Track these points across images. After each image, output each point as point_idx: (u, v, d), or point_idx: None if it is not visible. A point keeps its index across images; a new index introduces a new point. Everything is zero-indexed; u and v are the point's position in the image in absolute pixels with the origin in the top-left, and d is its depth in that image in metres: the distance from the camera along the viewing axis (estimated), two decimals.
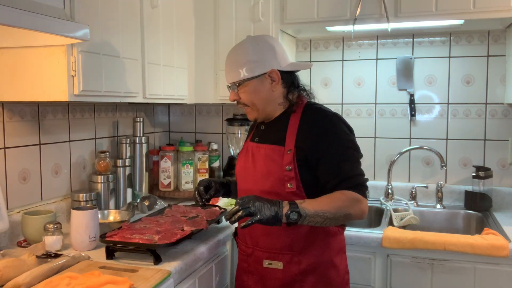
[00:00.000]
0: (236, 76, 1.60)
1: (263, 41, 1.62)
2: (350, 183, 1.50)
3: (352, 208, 1.48)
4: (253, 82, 1.59)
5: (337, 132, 1.56)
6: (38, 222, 1.72)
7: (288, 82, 1.64)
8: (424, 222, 2.44)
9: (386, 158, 2.67)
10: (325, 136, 1.54)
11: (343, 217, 1.47)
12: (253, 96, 1.61)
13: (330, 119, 1.58)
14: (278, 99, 1.63)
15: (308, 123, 1.58)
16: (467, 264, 1.92)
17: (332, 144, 1.53)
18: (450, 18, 2.18)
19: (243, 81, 1.59)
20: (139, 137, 2.43)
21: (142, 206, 2.28)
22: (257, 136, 1.70)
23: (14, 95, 1.65)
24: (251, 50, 1.59)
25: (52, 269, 1.41)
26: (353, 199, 1.48)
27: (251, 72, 1.58)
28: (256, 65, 1.58)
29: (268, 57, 1.59)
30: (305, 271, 1.59)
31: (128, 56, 1.92)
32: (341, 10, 2.29)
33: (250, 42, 1.62)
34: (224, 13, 2.46)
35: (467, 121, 2.54)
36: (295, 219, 1.40)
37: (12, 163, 1.84)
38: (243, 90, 1.61)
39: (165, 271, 1.47)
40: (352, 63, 2.72)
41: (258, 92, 1.60)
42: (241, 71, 1.58)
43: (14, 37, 1.45)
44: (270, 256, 1.62)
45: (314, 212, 1.42)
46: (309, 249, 1.59)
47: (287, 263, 1.60)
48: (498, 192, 2.47)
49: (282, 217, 1.39)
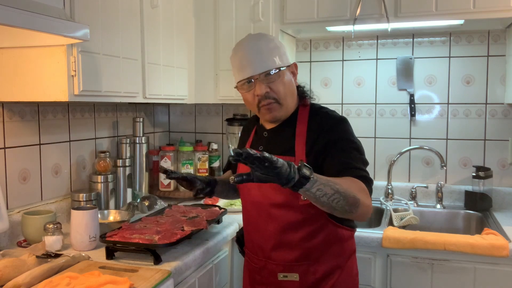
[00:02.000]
0: (271, 64, 1.47)
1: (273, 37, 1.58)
2: (356, 172, 1.40)
3: (362, 196, 1.33)
4: (286, 72, 1.51)
5: (345, 132, 1.51)
6: (38, 222, 1.72)
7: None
8: (424, 222, 2.44)
9: (386, 158, 2.67)
10: (333, 136, 1.48)
11: (352, 198, 1.30)
12: (286, 88, 1.51)
13: (338, 121, 1.53)
14: (295, 94, 1.57)
15: (317, 129, 1.51)
16: (467, 264, 1.92)
17: (338, 142, 1.47)
18: (450, 18, 2.18)
19: (278, 69, 1.48)
20: (139, 137, 2.43)
21: (142, 206, 2.28)
22: (260, 144, 1.62)
23: (14, 95, 1.65)
24: (276, 40, 1.52)
25: (52, 269, 1.41)
26: (363, 189, 1.37)
27: (284, 61, 1.49)
28: (285, 55, 1.51)
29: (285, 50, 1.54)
30: (321, 279, 1.55)
31: (128, 56, 1.92)
32: (341, 10, 2.29)
33: (265, 36, 1.55)
34: (224, 13, 2.46)
35: (467, 121, 2.54)
36: (308, 175, 1.18)
37: (12, 163, 1.84)
38: (278, 80, 1.49)
39: (165, 271, 1.47)
40: (352, 63, 2.72)
41: (290, 83, 1.52)
42: (275, 59, 1.47)
43: (14, 37, 1.45)
44: (285, 269, 1.56)
45: (326, 180, 1.25)
46: (324, 256, 1.54)
47: (303, 274, 1.54)
48: (498, 192, 2.47)
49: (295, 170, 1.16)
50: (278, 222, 1.55)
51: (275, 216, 1.55)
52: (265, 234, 1.59)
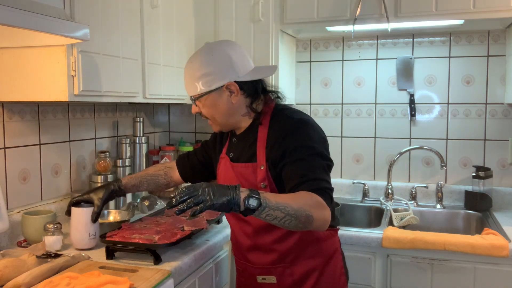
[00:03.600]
0: (193, 90, 1.52)
1: (219, 51, 1.50)
2: (314, 185, 1.37)
3: (315, 211, 1.32)
4: (211, 96, 1.51)
5: (303, 138, 1.45)
6: (38, 222, 1.72)
7: (250, 91, 1.53)
8: (424, 222, 2.44)
9: (386, 158, 2.67)
10: (291, 143, 1.44)
11: (305, 217, 1.29)
12: (212, 110, 1.53)
13: (296, 125, 1.48)
14: (240, 110, 1.54)
15: (275, 134, 1.49)
16: (467, 264, 1.92)
17: (295, 150, 1.43)
18: (450, 18, 2.18)
19: (200, 96, 1.52)
20: (139, 137, 2.43)
21: (142, 206, 2.28)
22: (231, 151, 1.63)
23: (14, 95, 1.65)
24: (205, 63, 1.49)
25: (52, 269, 1.41)
26: (318, 203, 1.34)
27: (208, 86, 1.49)
28: (212, 78, 1.48)
29: (224, 68, 1.48)
30: (299, 281, 1.56)
31: (128, 56, 1.92)
32: (341, 10, 2.29)
33: (205, 53, 1.51)
34: (224, 13, 2.46)
35: (467, 121, 2.54)
36: (254, 206, 1.22)
37: (12, 163, 1.84)
38: (201, 104, 1.54)
39: (165, 271, 1.47)
40: (352, 63, 2.72)
41: (217, 105, 1.52)
42: (197, 85, 1.50)
43: (14, 37, 1.45)
44: (262, 271, 1.58)
45: (276, 204, 1.26)
46: (300, 258, 1.54)
47: (280, 276, 1.56)
48: (498, 192, 2.47)
49: (239, 202, 1.21)
50: (250, 225, 1.57)
51: (245, 219, 1.57)
52: (240, 237, 1.63)
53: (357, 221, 2.57)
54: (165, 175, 1.83)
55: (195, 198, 1.19)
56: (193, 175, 1.81)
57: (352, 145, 2.74)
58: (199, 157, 1.80)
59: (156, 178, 1.81)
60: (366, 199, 2.64)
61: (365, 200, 2.64)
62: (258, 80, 1.56)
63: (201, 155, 1.80)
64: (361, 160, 2.73)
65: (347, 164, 2.76)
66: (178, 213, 1.20)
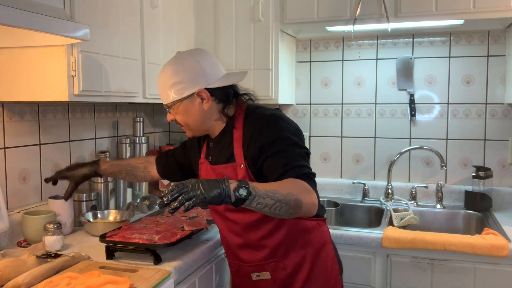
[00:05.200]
0: (166, 98, 1.56)
1: (189, 60, 1.55)
2: (297, 172, 1.41)
3: (304, 196, 1.35)
4: (183, 104, 1.55)
5: (278, 131, 1.49)
6: (38, 222, 1.72)
7: (221, 96, 1.58)
8: (424, 222, 2.44)
9: (386, 158, 2.67)
10: (267, 138, 1.48)
11: (294, 202, 1.33)
12: (185, 117, 1.58)
13: (268, 120, 1.53)
14: (213, 115, 1.59)
15: (249, 131, 1.53)
16: (467, 264, 1.92)
17: (273, 143, 1.47)
18: (450, 18, 2.18)
19: (172, 104, 1.56)
20: (139, 137, 2.43)
21: (142, 206, 2.28)
22: (209, 155, 1.66)
23: (14, 95, 1.65)
24: (175, 72, 1.54)
25: (52, 269, 1.41)
26: (305, 187, 1.38)
27: (179, 93, 1.53)
28: (183, 86, 1.53)
29: (194, 76, 1.53)
30: (292, 273, 1.58)
31: (128, 56, 1.92)
32: (341, 10, 2.29)
33: (176, 63, 1.56)
34: (224, 13, 2.46)
35: (467, 121, 2.54)
36: (245, 195, 1.25)
37: (12, 163, 1.84)
38: (175, 111, 1.58)
39: (165, 271, 1.47)
40: (352, 63, 2.72)
41: (190, 112, 1.56)
42: (170, 93, 1.55)
43: (14, 37, 1.45)
44: (256, 268, 1.61)
45: (265, 192, 1.29)
46: (291, 250, 1.57)
47: (273, 271, 1.59)
48: (498, 192, 2.47)
49: (230, 193, 1.24)
50: (236, 224, 1.60)
51: (232, 219, 1.61)
52: (229, 236, 1.65)
53: (357, 221, 2.58)
54: (144, 168, 1.90)
55: (186, 194, 1.21)
56: (169, 174, 1.88)
57: (352, 145, 2.74)
58: (177, 158, 1.84)
59: (135, 170, 1.89)
60: (366, 199, 2.64)
61: (365, 200, 2.64)
62: (228, 86, 1.60)
63: (180, 156, 1.84)
64: (361, 160, 2.73)
65: (347, 164, 2.76)
66: (172, 211, 1.21)
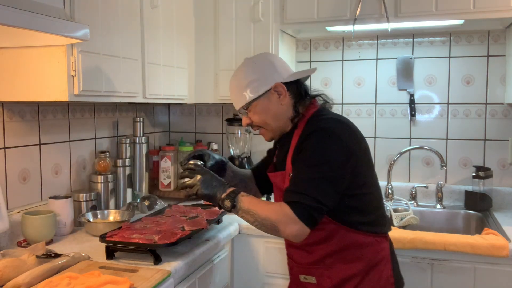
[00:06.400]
0: (243, 100, 1.56)
1: (260, 59, 1.59)
2: (289, 198, 1.39)
3: (282, 225, 1.37)
4: (260, 102, 1.54)
5: (311, 146, 1.43)
6: (38, 222, 1.72)
7: (295, 92, 1.57)
8: (424, 222, 2.44)
9: (386, 158, 2.67)
10: (303, 152, 1.44)
11: (270, 226, 1.39)
12: (264, 116, 1.56)
13: (312, 135, 1.45)
14: (288, 112, 1.56)
15: (300, 138, 1.49)
16: (467, 264, 1.92)
17: (300, 157, 1.45)
18: (450, 18, 2.18)
19: (250, 103, 1.55)
20: (139, 137, 2.43)
21: (142, 206, 2.28)
22: (276, 159, 1.67)
23: (14, 95, 1.65)
24: (250, 71, 1.56)
25: (52, 269, 1.41)
26: (286, 216, 1.37)
27: (256, 91, 1.53)
28: (259, 83, 1.53)
29: (268, 72, 1.54)
30: (339, 284, 1.51)
31: (128, 56, 1.92)
32: (341, 10, 2.29)
33: (248, 64, 1.59)
34: (224, 13, 2.46)
35: (467, 121, 2.54)
36: (228, 207, 1.44)
37: (12, 163, 1.84)
38: (252, 112, 1.56)
39: (165, 271, 1.47)
40: (352, 63, 2.72)
41: (268, 110, 1.55)
42: (246, 93, 1.54)
43: (14, 37, 1.45)
44: (304, 270, 1.58)
45: (247, 209, 1.43)
46: (339, 262, 1.51)
47: (319, 278, 1.54)
48: (498, 192, 2.47)
49: (218, 201, 1.45)
50: None
51: None
52: None
53: None
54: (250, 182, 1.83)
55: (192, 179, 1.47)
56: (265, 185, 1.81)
57: None
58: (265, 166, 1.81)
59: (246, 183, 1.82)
60: None
61: None
62: (300, 83, 1.60)
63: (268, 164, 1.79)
64: None
65: None
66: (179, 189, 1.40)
